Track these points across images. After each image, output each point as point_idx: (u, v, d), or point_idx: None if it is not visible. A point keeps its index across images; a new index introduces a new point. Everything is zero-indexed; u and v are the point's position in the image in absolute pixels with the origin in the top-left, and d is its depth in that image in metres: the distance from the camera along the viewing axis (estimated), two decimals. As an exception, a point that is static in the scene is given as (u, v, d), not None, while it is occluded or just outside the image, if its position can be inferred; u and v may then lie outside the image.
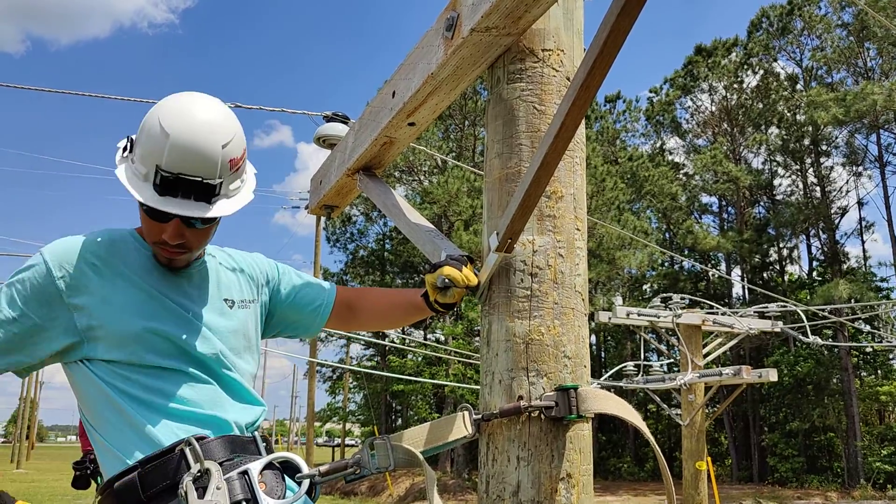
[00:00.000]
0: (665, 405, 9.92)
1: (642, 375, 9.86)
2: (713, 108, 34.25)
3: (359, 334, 31.92)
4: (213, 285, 1.87)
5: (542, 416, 1.56)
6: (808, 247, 33.76)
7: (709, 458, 9.06)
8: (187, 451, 1.56)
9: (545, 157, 1.50)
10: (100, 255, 1.71)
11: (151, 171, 1.63)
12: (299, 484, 1.62)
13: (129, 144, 1.71)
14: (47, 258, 1.67)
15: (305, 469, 1.63)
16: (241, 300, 1.91)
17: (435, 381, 25.32)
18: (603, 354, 36.96)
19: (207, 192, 1.65)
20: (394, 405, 36.98)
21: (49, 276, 1.66)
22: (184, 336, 1.72)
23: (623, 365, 10.09)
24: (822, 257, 32.34)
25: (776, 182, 33.92)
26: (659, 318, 8.91)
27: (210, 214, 1.66)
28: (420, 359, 30.70)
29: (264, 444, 1.74)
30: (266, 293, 2.02)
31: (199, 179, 1.63)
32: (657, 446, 1.60)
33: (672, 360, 11.44)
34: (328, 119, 5.43)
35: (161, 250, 1.72)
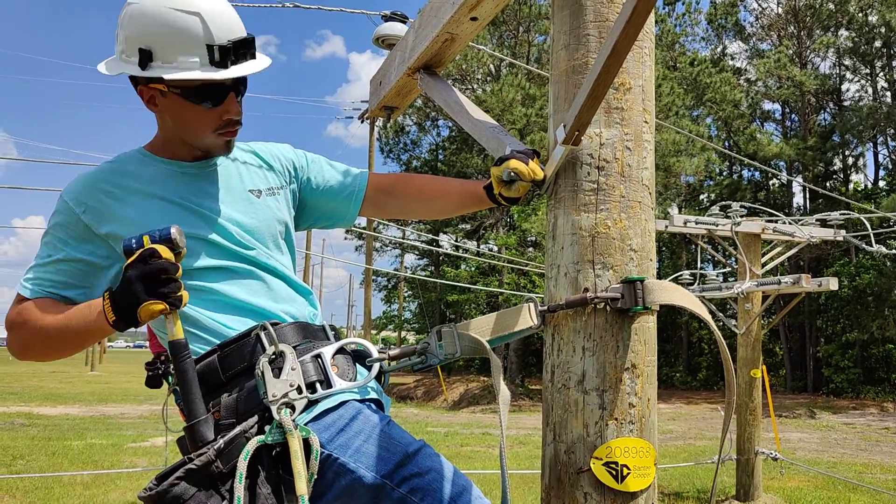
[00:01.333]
0: (720, 314, 9.87)
1: (698, 284, 9.79)
2: (779, 10, 32.71)
3: (414, 235, 32.19)
4: (235, 179, 1.85)
5: (608, 307, 1.58)
6: (875, 155, 32.57)
7: (764, 367, 9.04)
8: (262, 335, 1.62)
9: (615, 46, 1.46)
10: (110, 181, 1.73)
11: (204, 54, 1.65)
12: (369, 368, 1.68)
13: (144, 58, 1.65)
14: (66, 198, 1.71)
15: (376, 354, 1.68)
16: (268, 188, 1.89)
17: (489, 289, 25.55)
18: (658, 264, 36.72)
19: (252, 46, 1.72)
20: (448, 314, 37.56)
21: (73, 214, 1.69)
22: (215, 235, 1.73)
23: (679, 273, 10.01)
24: (890, 166, 31.22)
25: (843, 87, 32.59)
26: (717, 226, 8.78)
27: (265, 64, 1.74)
28: (473, 268, 30.95)
29: (332, 332, 1.80)
30: (295, 182, 2.00)
31: (245, 36, 1.70)
32: (721, 337, 1.61)
33: (729, 270, 11.32)
34: (386, 19, 5.33)
35: (223, 135, 1.75)
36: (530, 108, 25.31)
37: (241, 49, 1.68)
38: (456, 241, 34.50)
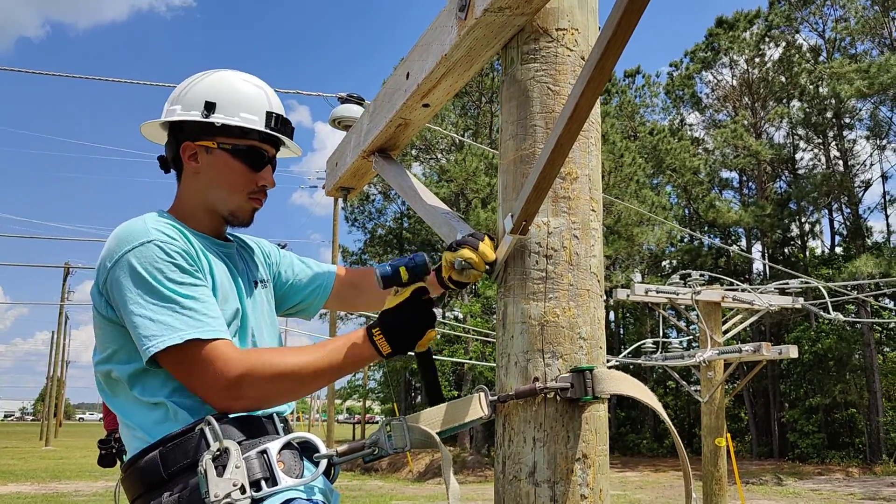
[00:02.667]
0: (684, 382, 9.90)
1: (661, 352, 9.83)
2: (734, 82, 33.83)
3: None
4: (245, 265, 1.93)
5: (558, 397, 1.57)
6: (831, 221, 33.43)
7: (728, 435, 9.04)
8: (206, 430, 1.57)
9: (559, 139, 1.49)
10: (182, 229, 1.72)
11: (263, 118, 1.85)
12: (317, 464, 1.64)
13: (208, 108, 1.81)
14: (174, 244, 1.64)
15: (323, 449, 1.64)
16: (261, 280, 1.96)
17: (454, 359, 25.39)
18: (622, 331, 36.88)
19: (293, 132, 1.96)
20: (413, 382, 37.16)
21: (189, 251, 1.66)
22: (238, 321, 1.77)
23: (641, 342, 10.07)
24: (845, 232, 32.01)
25: (798, 156, 33.54)
26: (678, 295, 8.87)
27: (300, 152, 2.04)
28: (438, 337, 30.82)
29: (282, 424, 1.76)
30: (272, 275, 2.08)
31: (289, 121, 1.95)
32: (673, 427, 1.61)
33: (691, 337, 11.41)
34: (343, 100, 5.42)
35: (254, 201, 1.86)
36: (493, 177, 25.66)
37: (288, 128, 1.92)
38: (421, 308, 34.35)
